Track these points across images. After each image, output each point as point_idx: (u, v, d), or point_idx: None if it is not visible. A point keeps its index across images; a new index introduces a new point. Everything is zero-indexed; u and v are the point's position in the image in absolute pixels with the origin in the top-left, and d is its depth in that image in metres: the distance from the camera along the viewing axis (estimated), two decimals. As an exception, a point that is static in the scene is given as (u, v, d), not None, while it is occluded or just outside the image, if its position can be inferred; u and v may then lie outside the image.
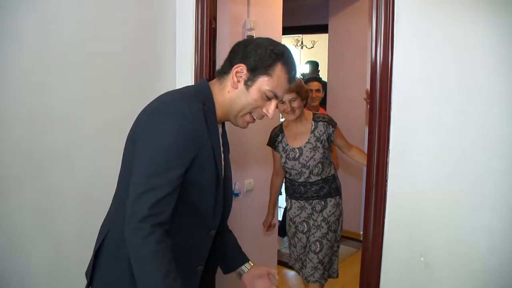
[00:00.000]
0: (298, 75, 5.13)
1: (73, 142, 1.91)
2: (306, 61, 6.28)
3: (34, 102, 1.78)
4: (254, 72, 1.25)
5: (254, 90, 1.26)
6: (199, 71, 2.30)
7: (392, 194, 1.76)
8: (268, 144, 2.72)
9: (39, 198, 1.81)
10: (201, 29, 2.27)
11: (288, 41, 7.59)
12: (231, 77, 1.27)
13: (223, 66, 1.33)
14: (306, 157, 2.58)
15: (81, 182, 1.95)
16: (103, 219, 1.39)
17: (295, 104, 2.51)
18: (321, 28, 5.21)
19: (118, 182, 1.35)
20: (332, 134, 2.60)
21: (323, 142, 2.58)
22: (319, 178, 2.61)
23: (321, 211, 2.65)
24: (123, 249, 1.19)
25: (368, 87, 1.95)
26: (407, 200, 1.73)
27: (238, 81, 1.27)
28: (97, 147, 2.00)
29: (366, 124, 3.61)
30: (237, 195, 2.89)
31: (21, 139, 1.75)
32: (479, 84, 1.57)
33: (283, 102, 2.49)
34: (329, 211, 2.65)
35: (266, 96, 1.27)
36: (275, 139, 2.67)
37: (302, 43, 7.75)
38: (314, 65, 5.63)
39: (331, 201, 2.67)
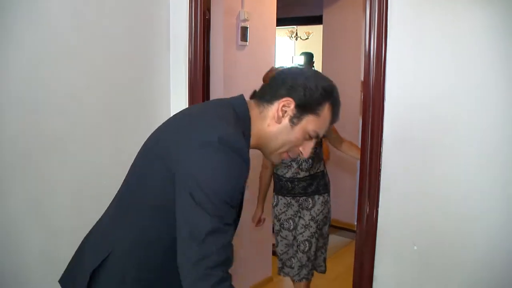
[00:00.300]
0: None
1: (68, 134, 1.91)
2: (300, 52, 6.28)
3: (29, 95, 1.78)
4: (302, 109, 1.14)
5: (299, 128, 1.16)
6: (193, 62, 2.30)
7: (385, 184, 1.78)
8: None
9: (36, 190, 1.82)
10: (195, 20, 2.26)
11: (283, 32, 7.57)
12: (275, 110, 1.15)
13: (263, 92, 1.20)
14: None
15: (76, 173, 1.95)
16: (97, 211, 1.34)
17: None
18: (316, 20, 5.20)
19: (123, 195, 1.23)
20: None
21: None
22: (307, 174, 2.59)
23: (309, 209, 2.63)
24: (129, 275, 1.14)
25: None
26: (401, 190, 1.75)
27: (283, 116, 1.15)
28: (92, 140, 2.00)
29: (360, 114, 3.62)
30: None
31: (17, 132, 1.75)
32: (473, 75, 1.58)
33: None
34: (318, 210, 2.62)
35: (309, 136, 1.18)
36: None
37: (296, 34, 7.73)
38: (309, 56, 5.62)
39: (319, 199, 2.64)
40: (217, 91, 2.71)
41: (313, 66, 5.57)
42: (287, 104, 1.14)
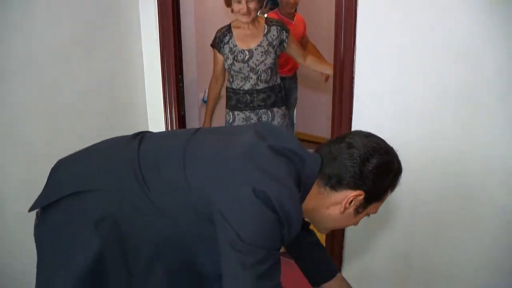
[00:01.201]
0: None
1: (40, 58, 1.88)
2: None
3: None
4: (370, 199, 1.06)
5: (362, 215, 1.10)
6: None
7: (358, 95, 1.86)
8: (212, 45, 2.47)
9: (7, 113, 1.79)
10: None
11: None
12: (340, 200, 1.05)
13: (327, 168, 1.05)
14: (257, 60, 2.38)
15: (49, 97, 1.94)
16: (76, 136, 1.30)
17: (252, 5, 2.29)
18: None
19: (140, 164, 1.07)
20: (286, 40, 2.43)
21: (275, 48, 2.40)
22: (266, 85, 2.44)
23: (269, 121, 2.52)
24: (107, 221, 1.04)
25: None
26: (373, 96, 1.83)
27: (348, 207, 1.06)
28: (65, 67, 1.99)
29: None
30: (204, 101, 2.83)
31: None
32: (443, 14, 1.62)
33: (239, 2, 2.28)
34: (278, 123, 2.51)
35: (367, 215, 1.13)
36: (221, 39, 2.42)
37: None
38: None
39: (278, 112, 2.51)
40: (189, 28, 2.61)
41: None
42: (355, 198, 1.04)
